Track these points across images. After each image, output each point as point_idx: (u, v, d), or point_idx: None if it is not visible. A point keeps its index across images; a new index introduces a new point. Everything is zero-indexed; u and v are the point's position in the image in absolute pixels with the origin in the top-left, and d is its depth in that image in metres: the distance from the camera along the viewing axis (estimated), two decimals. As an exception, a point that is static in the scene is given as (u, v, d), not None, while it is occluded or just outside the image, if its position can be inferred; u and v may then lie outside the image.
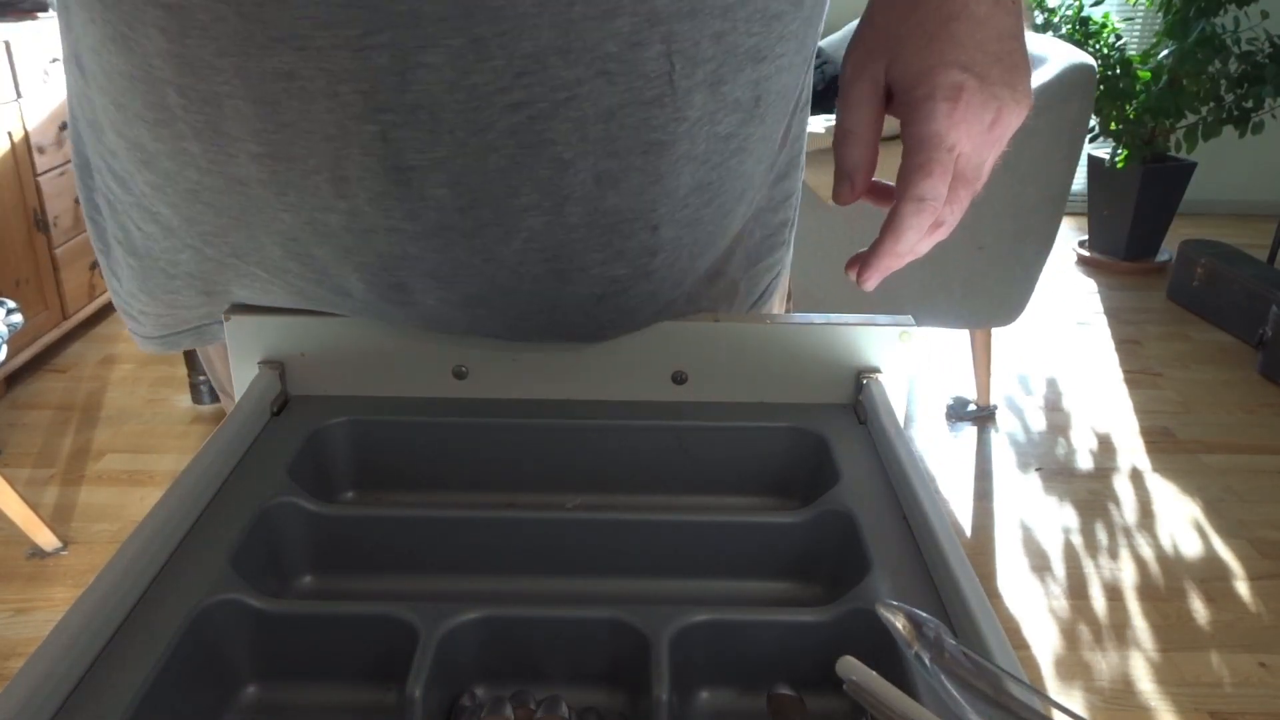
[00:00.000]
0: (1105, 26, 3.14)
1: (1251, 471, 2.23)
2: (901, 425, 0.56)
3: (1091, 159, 3.40)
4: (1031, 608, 1.79)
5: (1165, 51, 3.06)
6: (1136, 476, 2.20)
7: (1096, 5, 3.16)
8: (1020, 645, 1.69)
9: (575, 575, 0.50)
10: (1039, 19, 3.25)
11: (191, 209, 0.51)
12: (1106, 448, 2.32)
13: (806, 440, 0.57)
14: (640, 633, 0.41)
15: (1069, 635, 1.72)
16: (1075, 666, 1.65)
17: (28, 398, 2.47)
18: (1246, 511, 2.08)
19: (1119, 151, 3.23)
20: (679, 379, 0.60)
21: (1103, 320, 3.05)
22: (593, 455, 0.57)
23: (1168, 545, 1.96)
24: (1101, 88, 3.09)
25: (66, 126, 2.68)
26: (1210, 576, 1.87)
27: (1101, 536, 1.99)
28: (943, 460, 2.26)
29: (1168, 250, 3.46)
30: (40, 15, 2.60)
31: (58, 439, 2.29)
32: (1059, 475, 2.21)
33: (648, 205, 0.49)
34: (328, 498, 0.56)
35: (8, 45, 2.37)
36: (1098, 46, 3.11)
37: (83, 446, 2.25)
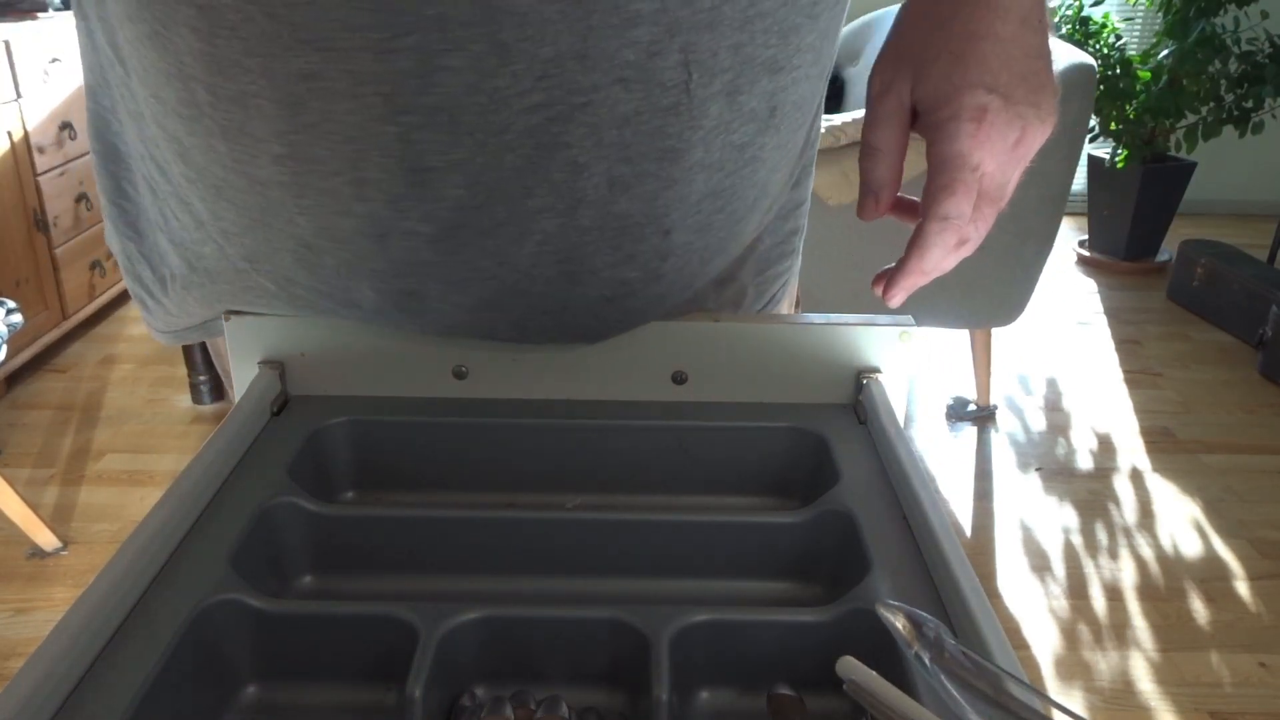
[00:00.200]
0: (1105, 26, 3.14)
1: (1251, 471, 2.23)
2: (901, 425, 0.56)
3: (1091, 159, 3.40)
4: (1031, 608, 1.79)
5: (1165, 51, 3.06)
6: (1136, 476, 2.20)
7: (1096, 5, 3.16)
8: (1020, 645, 1.69)
9: (575, 575, 0.50)
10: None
11: (217, 204, 0.51)
12: (1106, 448, 2.32)
13: (806, 440, 0.57)
14: (640, 633, 0.41)
15: (1069, 635, 1.72)
16: (1075, 666, 1.65)
17: (28, 398, 2.47)
18: (1246, 511, 2.08)
19: (1119, 151, 3.23)
20: (679, 379, 0.60)
21: (1103, 320, 3.05)
22: (593, 455, 0.57)
23: (1168, 545, 1.96)
24: (1101, 88, 3.09)
25: (67, 126, 2.68)
26: (1210, 576, 1.87)
27: (1101, 536, 1.99)
28: (943, 460, 2.26)
29: (1168, 250, 3.46)
30: (40, 15, 2.59)
31: (58, 439, 2.29)
32: (1059, 475, 2.21)
33: (660, 210, 0.49)
34: (328, 498, 0.56)
35: (8, 45, 2.37)
36: (1098, 46, 3.11)
37: (83, 446, 2.25)
